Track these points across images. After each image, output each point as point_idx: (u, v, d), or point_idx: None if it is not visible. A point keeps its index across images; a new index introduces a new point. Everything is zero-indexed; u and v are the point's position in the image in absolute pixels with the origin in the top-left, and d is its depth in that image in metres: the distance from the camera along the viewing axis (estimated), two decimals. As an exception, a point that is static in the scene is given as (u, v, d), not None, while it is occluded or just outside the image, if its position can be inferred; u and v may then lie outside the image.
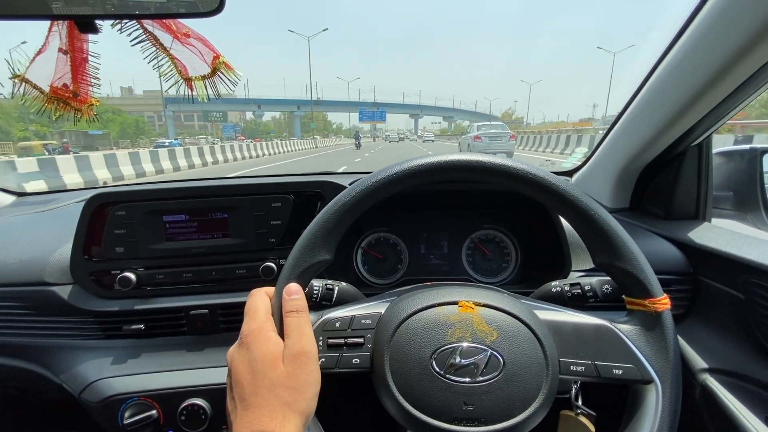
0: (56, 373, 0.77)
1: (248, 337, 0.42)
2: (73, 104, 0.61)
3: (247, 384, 0.40)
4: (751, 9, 0.52)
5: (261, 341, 0.42)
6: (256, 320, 0.44)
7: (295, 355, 0.41)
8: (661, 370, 0.46)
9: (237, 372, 0.41)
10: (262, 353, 0.41)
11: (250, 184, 0.81)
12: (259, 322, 0.44)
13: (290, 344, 0.42)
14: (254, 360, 0.41)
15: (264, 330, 0.43)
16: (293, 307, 0.45)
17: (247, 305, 0.46)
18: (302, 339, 0.43)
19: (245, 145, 22.00)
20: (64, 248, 0.81)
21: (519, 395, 0.45)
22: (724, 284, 0.69)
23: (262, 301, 0.47)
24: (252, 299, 0.47)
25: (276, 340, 0.43)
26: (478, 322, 0.47)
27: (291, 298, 0.46)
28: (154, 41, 0.56)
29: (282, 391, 0.39)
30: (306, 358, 0.42)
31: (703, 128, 0.73)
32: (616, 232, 0.47)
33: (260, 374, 0.40)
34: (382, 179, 0.48)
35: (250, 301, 0.47)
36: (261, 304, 0.46)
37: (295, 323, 0.44)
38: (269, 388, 0.39)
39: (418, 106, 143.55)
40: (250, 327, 0.43)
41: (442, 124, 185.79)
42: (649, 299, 0.47)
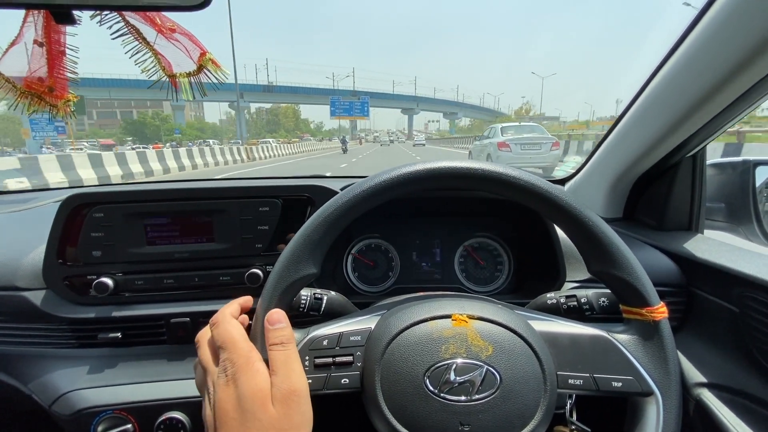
0: (26, 384, 0.73)
1: (236, 372, 0.38)
2: (48, 99, 0.58)
3: (237, 426, 0.36)
4: (748, 24, 0.52)
5: (249, 375, 0.38)
6: (237, 351, 0.40)
7: (285, 395, 0.38)
8: (661, 382, 0.45)
9: (225, 413, 0.37)
10: (252, 390, 0.37)
11: (237, 187, 0.78)
12: (244, 353, 0.40)
13: (278, 382, 0.38)
14: (243, 398, 0.37)
15: (251, 361, 0.39)
16: (278, 339, 0.41)
17: (219, 335, 0.42)
18: (291, 376, 0.39)
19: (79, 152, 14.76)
20: (38, 251, 0.77)
21: (517, 413, 0.43)
22: (718, 297, 0.68)
23: (236, 328, 0.42)
24: (222, 328, 0.42)
25: (265, 374, 0.39)
26: (473, 337, 0.45)
27: (274, 328, 0.42)
28: (136, 35, 0.53)
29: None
30: (297, 398, 0.38)
31: (698, 140, 0.73)
32: (611, 239, 0.46)
33: (250, 415, 0.36)
34: (370, 188, 0.46)
35: (220, 331, 0.42)
36: (236, 331, 0.42)
37: (281, 358, 0.40)
38: (260, 430, 0.36)
39: (412, 98, 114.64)
40: (234, 360, 0.39)
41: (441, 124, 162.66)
42: (646, 308, 0.46)
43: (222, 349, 0.40)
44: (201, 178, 3.60)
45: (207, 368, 0.41)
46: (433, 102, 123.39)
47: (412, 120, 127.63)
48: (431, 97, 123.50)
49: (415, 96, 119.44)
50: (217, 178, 1.32)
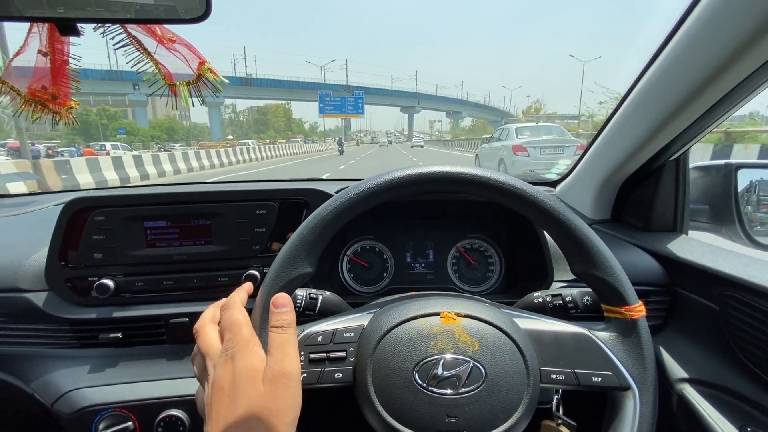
0: (28, 383, 0.74)
1: (236, 352, 0.40)
2: (51, 107, 0.60)
3: (229, 401, 0.38)
4: (725, 32, 0.54)
5: (246, 355, 0.40)
6: (241, 333, 0.42)
7: (276, 376, 0.39)
8: (638, 377, 0.48)
9: (221, 389, 0.38)
10: (246, 367, 0.39)
11: (234, 191, 0.80)
12: (246, 336, 0.42)
13: (272, 363, 0.40)
14: (239, 375, 0.39)
15: (251, 344, 0.41)
16: (278, 321, 0.43)
17: (227, 318, 0.44)
18: (285, 359, 0.40)
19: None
20: (40, 253, 0.78)
21: (501, 405, 0.45)
22: (700, 296, 0.71)
23: (241, 313, 0.44)
24: (230, 312, 0.44)
25: (261, 355, 0.41)
26: (460, 333, 0.47)
27: (278, 311, 0.44)
28: (138, 46, 0.55)
29: (264, 412, 0.37)
30: (287, 380, 0.39)
31: (680, 144, 0.76)
32: (592, 241, 0.48)
33: (241, 391, 0.38)
34: (364, 191, 0.48)
35: (229, 315, 0.44)
36: (242, 316, 0.44)
37: (278, 340, 0.42)
38: (249, 407, 0.37)
39: (412, 94, 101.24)
40: (237, 341, 0.41)
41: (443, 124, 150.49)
42: (624, 307, 0.49)
43: (227, 330, 0.42)
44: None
45: (208, 352, 0.43)
46: (436, 100, 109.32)
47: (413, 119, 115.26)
48: (433, 94, 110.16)
49: (416, 92, 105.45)
50: (215, 181, 1.34)
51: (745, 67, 0.56)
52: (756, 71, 0.56)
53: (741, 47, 0.53)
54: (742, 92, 0.61)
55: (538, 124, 11.45)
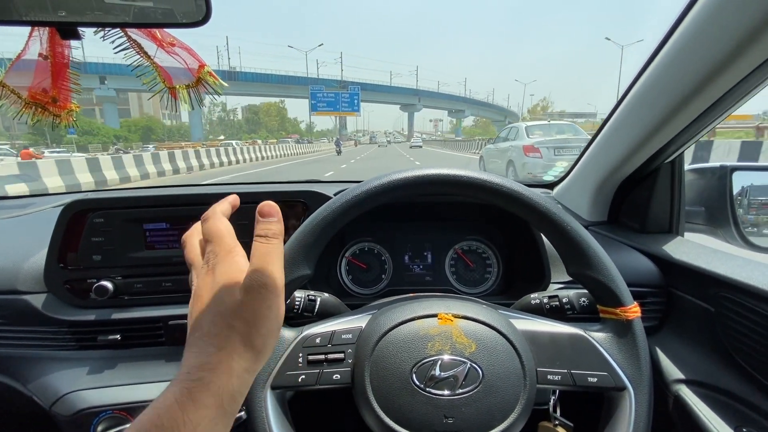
0: (26, 385, 0.75)
1: (217, 263, 0.38)
2: (51, 110, 0.60)
3: (207, 310, 0.36)
4: (719, 35, 0.55)
5: (227, 264, 0.38)
6: (222, 243, 0.39)
7: (253, 286, 0.36)
8: (633, 377, 0.48)
9: (201, 299, 0.37)
10: (224, 276, 0.37)
11: (233, 193, 0.80)
12: (228, 246, 0.39)
13: (251, 273, 0.37)
14: (217, 284, 0.37)
15: (232, 254, 0.39)
16: (264, 231, 0.40)
17: (208, 228, 0.41)
18: (266, 269, 0.37)
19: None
20: (39, 255, 0.78)
21: (498, 406, 0.45)
22: (695, 297, 0.71)
23: (222, 223, 0.41)
24: (211, 222, 0.41)
25: (243, 264, 0.39)
26: (457, 335, 0.48)
27: (264, 221, 0.41)
28: (138, 49, 0.56)
29: (237, 321, 0.35)
30: (265, 291, 0.36)
31: (676, 146, 0.76)
32: (587, 242, 0.49)
33: (217, 299, 0.36)
34: (361, 194, 0.49)
35: (209, 225, 0.41)
36: (222, 226, 0.41)
37: (262, 250, 0.39)
38: (223, 315, 0.35)
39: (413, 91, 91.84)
40: (217, 252, 0.39)
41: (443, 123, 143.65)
42: (620, 308, 0.49)
43: (208, 242, 0.40)
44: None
45: (193, 263, 0.41)
46: (437, 97, 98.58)
47: (413, 118, 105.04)
48: (435, 91, 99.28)
49: (417, 89, 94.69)
50: (215, 183, 1.34)
51: (739, 71, 0.57)
52: (750, 74, 0.56)
53: (735, 51, 0.54)
54: (736, 95, 0.62)
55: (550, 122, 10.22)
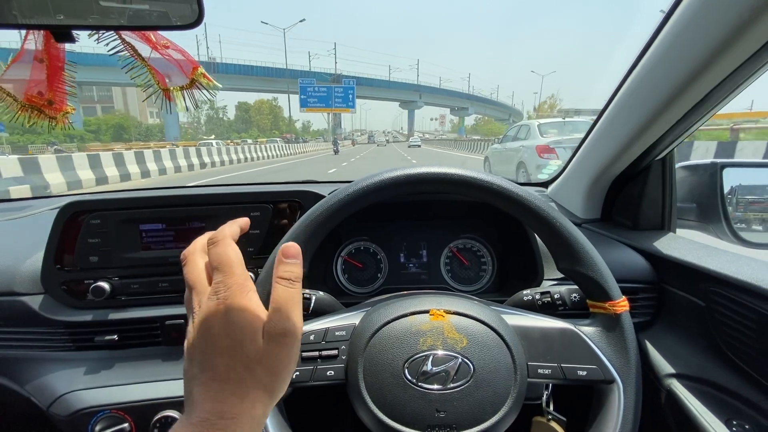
0: (24, 386, 0.75)
1: (228, 297, 0.35)
2: (47, 112, 0.61)
3: (222, 352, 0.34)
4: (706, 32, 0.56)
5: (244, 305, 0.35)
6: (234, 276, 0.36)
7: (279, 334, 0.35)
8: (622, 370, 0.49)
9: (211, 336, 0.34)
10: (244, 321, 0.35)
11: (228, 193, 0.81)
12: (240, 281, 0.36)
13: (275, 320, 0.36)
14: (232, 325, 0.34)
15: (245, 291, 0.36)
16: (288, 273, 0.38)
17: (217, 255, 0.38)
18: (290, 317, 0.36)
19: None
20: (36, 257, 0.79)
21: (489, 400, 0.46)
22: (687, 292, 0.72)
23: (233, 250, 0.39)
24: (221, 249, 0.38)
25: (259, 306, 0.36)
26: (449, 330, 0.48)
27: (288, 262, 0.39)
28: (132, 51, 0.56)
29: (259, 369, 0.34)
30: (290, 340, 0.36)
31: (666, 143, 0.77)
32: (576, 239, 0.50)
33: (238, 344, 0.34)
34: (354, 192, 0.49)
35: (218, 251, 0.38)
36: (233, 254, 0.38)
37: (285, 295, 0.37)
38: (246, 363, 0.34)
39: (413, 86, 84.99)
40: (229, 285, 0.36)
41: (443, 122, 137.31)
42: (609, 302, 0.50)
43: (217, 270, 0.37)
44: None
45: (195, 286, 0.38)
46: (440, 93, 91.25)
47: (414, 116, 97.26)
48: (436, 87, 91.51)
49: (417, 84, 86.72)
50: (210, 184, 1.35)
51: (724, 67, 0.57)
52: (736, 70, 0.57)
53: (720, 48, 0.55)
54: (723, 92, 0.63)
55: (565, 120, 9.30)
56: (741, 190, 0.88)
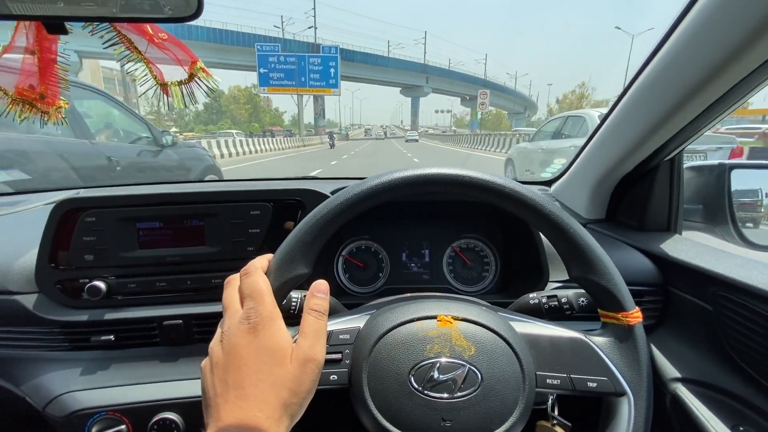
0: (19, 386, 0.74)
1: (259, 323, 0.39)
2: (39, 106, 0.58)
3: (250, 373, 0.37)
4: (722, 33, 0.54)
5: (273, 331, 0.40)
6: (264, 305, 0.41)
7: (306, 360, 0.39)
8: (633, 383, 0.48)
9: (239, 357, 0.38)
10: (273, 346, 0.39)
11: (228, 191, 0.79)
12: (269, 309, 0.41)
13: (304, 346, 0.40)
14: (263, 350, 0.38)
15: (275, 319, 0.41)
16: (318, 306, 0.44)
17: (248, 285, 0.43)
18: (317, 345, 0.41)
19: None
20: (29, 255, 0.77)
21: (496, 410, 0.45)
22: (693, 296, 0.71)
23: (265, 283, 0.43)
24: (252, 279, 0.43)
25: (287, 334, 0.41)
26: (457, 337, 0.47)
27: (318, 296, 0.45)
28: (128, 45, 0.54)
29: (284, 391, 0.38)
30: (315, 366, 0.40)
31: (675, 144, 0.76)
32: (590, 246, 0.48)
33: (266, 367, 0.38)
34: (362, 192, 0.48)
35: (251, 281, 0.43)
36: (265, 286, 0.43)
37: (315, 325, 0.42)
38: (273, 384, 0.37)
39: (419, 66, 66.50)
40: (260, 312, 0.40)
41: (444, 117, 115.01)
42: (621, 312, 0.49)
43: (249, 298, 0.42)
44: (193, 180, 3.19)
45: (228, 308, 0.42)
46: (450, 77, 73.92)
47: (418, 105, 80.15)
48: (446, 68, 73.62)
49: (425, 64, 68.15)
50: (207, 181, 1.33)
51: (741, 69, 0.56)
52: (752, 73, 0.56)
53: (737, 49, 0.53)
54: (737, 93, 0.61)
55: None
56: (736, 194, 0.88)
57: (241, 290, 0.43)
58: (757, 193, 0.94)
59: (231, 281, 0.46)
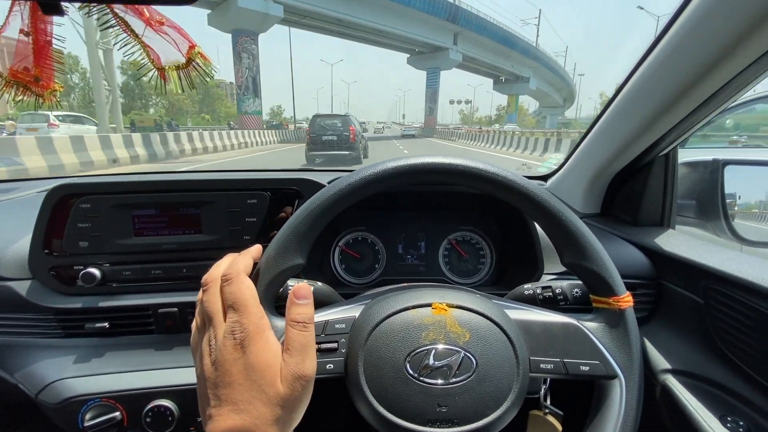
0: (12, 373, 0.73)
1: (245, 338, 0.37)
2: (34, 89, 0.57)
3: (242, 390, 0.36)
4: (717, 29, 0.55)
5: (260, 347, 0.37)
6: (249, 317, 0.38)
7: (296, 378, 0.38)
8: (624, 365, 0.48)
9: (229, 374, 0.36)
10: (262, 364, 0.37)
11: (225, 179, 0.79)
12: (255, 321, 0.38)
13: (293, 364, 0.38)
14: (251, 368, 0.37)
15: (262, 331, 0.38)
16: (300, 316, 0.40)
17: (232, 294, 0.40)
18: (306, 361, 0.39)
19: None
20: (23, 241, 0.76)
21: (491, 395, 0.45)
22: (685, 289, 0.72)
23: (249, 290, 0.40)
24: (235, 287, 0.40)
25: (276, 348, 0.39)
26: (451, 324, 0.47)
27: (299, 303, 0.41)
28: (125, 27, 0.53)
29: (278, 409, 0.37)
30: (306, 382, 0.38)
31: (670, 140, 0.77)
32: (582, 232, 0.49)
33: (257, 386, 0.36)
34: (356, 182, 0.48)
35: (234, 290, 0.40)
36: (248, 293, 0.40)
37: (300, 340, 0.39)
38: (266, 403, 0.36)
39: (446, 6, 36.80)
40: (245, 326, 0.38)
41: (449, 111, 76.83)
42: (613, 297, 0.49)
43: (232, 309, 0.39)
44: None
45: (213, 318, 0.39)
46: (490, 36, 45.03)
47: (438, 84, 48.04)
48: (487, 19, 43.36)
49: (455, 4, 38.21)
50: (206, 170, 1.31)
51: (736, 64, 0.57)
52: (747, 68, 0.56)
53: (732, 44, 0.54)
54: (732, 88, 0.62)
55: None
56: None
57: (224, 299, 0.40)
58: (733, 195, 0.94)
59: (211, 286, 0.41)
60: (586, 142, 0.94)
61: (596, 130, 0.88)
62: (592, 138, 0.91)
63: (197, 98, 61.19)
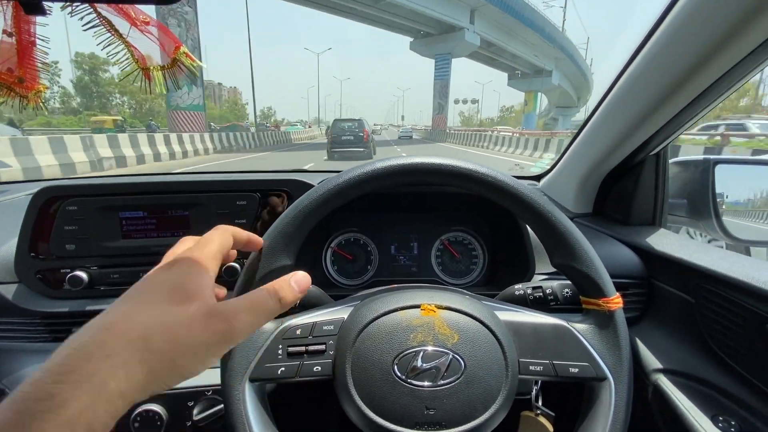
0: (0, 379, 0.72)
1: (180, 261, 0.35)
2: (18, 90, 0.56)
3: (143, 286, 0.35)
4: (705, 28, 0.55)
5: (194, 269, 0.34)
6: (202, 250, 0.36)
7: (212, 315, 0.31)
8: (614, 367, 0.48)
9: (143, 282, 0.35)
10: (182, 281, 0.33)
11: (214, 181, 0.78)
12: (207, 253, 0.36)
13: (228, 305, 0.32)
14: (173, 277, 0.34)
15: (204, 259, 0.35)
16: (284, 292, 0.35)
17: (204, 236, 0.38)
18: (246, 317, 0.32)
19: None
20: (9, 244, 0.75)
21: (479, 397, 0.45)
22: (676, 288, 0.72)
23: (223, 236, 0.39)
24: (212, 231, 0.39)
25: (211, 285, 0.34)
26: (440, 326, 0.47)
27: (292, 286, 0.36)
28: (108, 27, 0.53)
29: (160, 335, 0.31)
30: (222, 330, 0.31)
31: (660, 139, 0.77)
32: (572, 234, 0.49)
33: (159, 297, 0.33)
34: (343, 183, 0.48)
35: (209, 234, 0.38)
36: (217, 239, 0.38)
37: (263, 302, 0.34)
38: (160, 313, 0.32)
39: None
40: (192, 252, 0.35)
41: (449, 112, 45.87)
42: (602, 299, 0.49)
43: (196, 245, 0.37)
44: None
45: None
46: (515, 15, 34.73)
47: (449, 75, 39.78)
48: None
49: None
50: (194, 171, 1.30)
51: (723, 64, 0.57)
52: (735, 66, 0.56)
53: (719, 43, 0.54)
54: (721, 87, 0.62)
55: None
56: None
57: None
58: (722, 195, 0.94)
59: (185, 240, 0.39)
60: (577, 141, 0.94)
61: (588, 129, 0.88)
62: (583, 137, 0.91)
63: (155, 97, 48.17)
